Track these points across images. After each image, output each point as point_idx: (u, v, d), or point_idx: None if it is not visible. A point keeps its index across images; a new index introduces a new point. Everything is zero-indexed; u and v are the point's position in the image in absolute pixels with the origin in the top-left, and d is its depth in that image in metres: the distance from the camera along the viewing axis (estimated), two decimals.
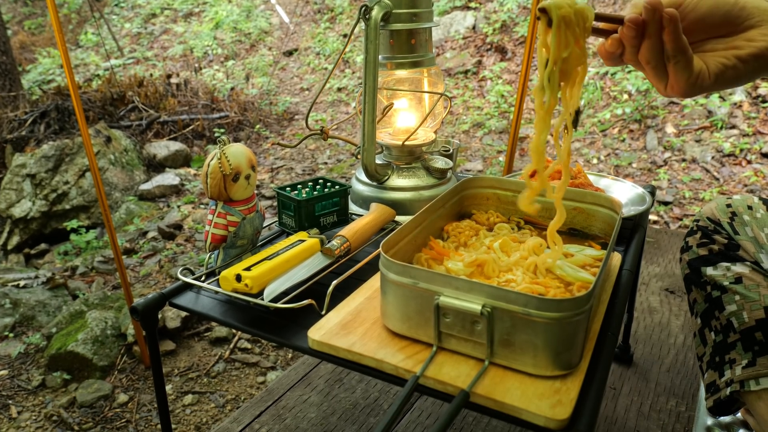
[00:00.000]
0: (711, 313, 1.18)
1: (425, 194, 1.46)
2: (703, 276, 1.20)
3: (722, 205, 1.22)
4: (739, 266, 1.15)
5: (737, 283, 1.14)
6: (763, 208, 1.19)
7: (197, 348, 2.60)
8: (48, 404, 2.29)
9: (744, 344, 1.11)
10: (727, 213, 1.21)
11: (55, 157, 4.56)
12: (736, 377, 1.10)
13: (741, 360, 1.11)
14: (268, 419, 1.72)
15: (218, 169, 1.12)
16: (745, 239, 1.16)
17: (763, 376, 1.08)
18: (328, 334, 0.94)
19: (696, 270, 1.22)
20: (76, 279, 3.43)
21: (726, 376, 1.13)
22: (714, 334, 1.17)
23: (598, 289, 0.90)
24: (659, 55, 0.65)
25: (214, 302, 1.12)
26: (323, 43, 7.83)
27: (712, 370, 1.17)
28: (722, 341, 1.15)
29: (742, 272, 1.14)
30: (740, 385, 1.10)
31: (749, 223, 1.17)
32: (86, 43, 9.45)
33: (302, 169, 5.14)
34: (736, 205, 1.21)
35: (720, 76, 0.66)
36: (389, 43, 1.41)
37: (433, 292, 0.85)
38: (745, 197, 1.22)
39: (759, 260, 1.14)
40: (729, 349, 1.13)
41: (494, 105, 5.59)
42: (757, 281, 1.12)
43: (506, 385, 0.81)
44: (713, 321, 1.17)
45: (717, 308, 1.16)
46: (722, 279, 1.16)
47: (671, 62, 0.65)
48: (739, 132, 4.29)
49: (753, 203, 1.20)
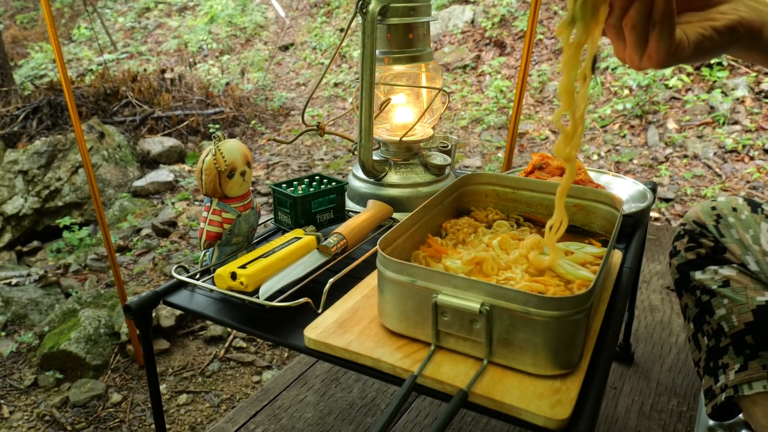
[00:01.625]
0: (702, 317, 1.19)
1: (423, 191, 1.46)
2: (692, 280, 1.21)
3: (707, 208, 1.24)
4: (727, 269, 1.17)
5: (725, 287, 1.15)
6: (748, 209, 1.19)
7: (192, 347, 2.59)
8: (40, 404, 2.28)
9: (735, 348, 1.12)
10: (712, 216, 1.22)
11: (48, 153, 4.55)
12: (730, 382, 1.11)
13: (734, 364, 1.11)
14: (264, 419, 1.72)
15: (213, 165, 1.11)
16: (731, 241, 1.17)
17: (756, 380, 1.08)
18: (325, 332, 0.94)
19: (685, 274, 1.23)
20: (69, 277, 3.42)
21: (720, 381, 1.13)
22: (707, 338, 1.18)
23: (598, 288, 0.90)
24: (646, 19, 0.65)
25: (208, 300, 1.12)
26: (320, 37, 7.82)
27: (708, 376, 1.18)
28: (715, 346, 1.16)
29: (730, 275, 1.15)
30: (734, 389, 1.10)
31: (734, 225, 1.18)
32: (79, 37, 9.43)
33: (298, 165, 5.14)
34: (721, 208, 1.22)
35: (698, 46, 0.67)
36: (387, 37, 1.40)
37: (431, 291, 0.85)
38: (729, 199, 1.23)
39: (745, 262, 1.15)
40: (722, 353, 1.14)
41: (493, 100, 5.59)
42: (745, 283, 1.13)
43: (505, 385, 0.81)
44: (705, 325, 1.18)
45: (707, 312, 1.17)
46: (710, 283, 1.17)
47: (656, 28, 0.65)
48: (742, 128, 4.29)
49: (737, 205, 1.21)
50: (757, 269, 1.14)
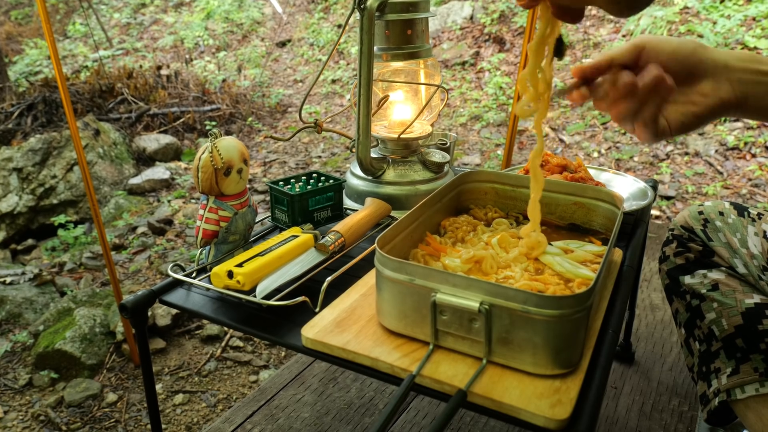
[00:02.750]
0: (693, 322, 1.20)
1: (422, 189, 1.46)
2: (682, 285, 1.23)
3: (694, 213, 1.26)
4: (715, 272, 1.18)
5: (714, 290, 1.16)
6: (734, 213, 1.21)
7: (188, 346, 2.59)
8: (35, 404, 2.28)
9: (726, 352, 1.13)
10: (699, 220, 1.24)
11: (43, 150, 4.55)
12: (722, 386, 1.12)
13: (725, 368, 1.12)
14: (261, 419, 1.72)
15: (209, 162, 1.11)
16: (719, 245, 1.19)
17: (748, 383, 1.09)
18: (322, 331, 0.94)
19: (675, 279, 1.25)
20: (64, 275, 3.42)
21: (713, 386, 1.14)
22: (698, 343, 1.19)
23: (598, 286, 0.89)
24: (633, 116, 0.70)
25: (205, 299, 1.12)
26: (317, 33, 7.81)
27: (701, 381, 1.19)
28: (706, 350, 1.17)
29: (718, 278, 1.17)
30: (727, 394, 1.11)
31: (722, 228, 1.20)
32: (74, 33, 9.42)
33: (295, 162, 5.14)
34: (708, 212, 1.24)
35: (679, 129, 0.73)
36: (385, 33, 1.40)
37: (429, 289, 0.85)
38: (716, 203, 1.25)
39: (734, 265, 1.17)
40: (713, 358, 1.15)
41: (492, 97, 5.59)
42: (733, 287, 1.15)
43: (504, 385, 0.81)
44: (696, 330, 1.20)
45: (698, 317, 1.19)
46: (700, 287, 1.19)
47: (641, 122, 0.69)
48: (744, 125, 4.29)
49: (724, 209, 1.23)
50: (745, 272, 1.15)
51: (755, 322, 1.08)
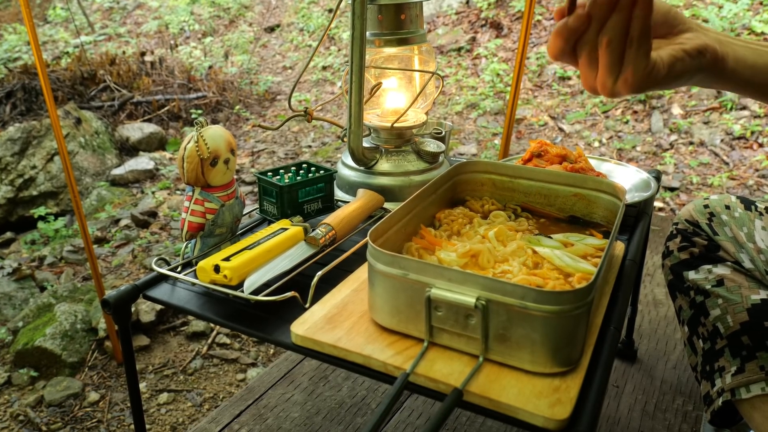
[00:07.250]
0: (697, 319, 1.20)
1: (416, 179, 1.46)
2: (686, 281, 1.23)
3: (700, 207, 1.26)
4: (721, 267, 1.18)
5: (719, 286, 1.16)
6: (741, 207, 1.21)
7: (173, 343, 2.59)
8: (14, 403, 2.28)
9: (731, 350, 1.13)
10: (705, 214, 1.24)
11: (22, 139, 4.53)
12: (727, 386, 1.12)
13: (730, 367, 1.12)
14: (249, 419, 1.72)
15: (195, 152, 1.11)
16: (725, 239, 1.19)
17: (754, 382, 1.09)
18: (313, 328, 0.94)
19: (679, 275, 1.25)
20: (44, 270, 3.41)
21: (717, 386, 1.14)
22: (702, 341, 1.20)
23: (599, 281, 0.89)
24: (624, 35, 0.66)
25: (190, 294, 1.11)
26: (307, 18, 7.79)
27: (705, 380, 1.19)
28: (710, 348, 1.17)
29: (724, 274, 1.17)
30: (731, 393, 1.11)
31: (728, 222, 1.20)
32: (55, 18, 9.37)
33: (285, 152, 5.13)
34: (714, 206, 1.24)
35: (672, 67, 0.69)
36: (377, 18, 1.40)
37: (424, 284, 0.85)
38: (722, 197, 1.26)
39: (740, 260, 1.17)
40: (718, 356, 1.15)
41: (489, 84, 5.59)
42: (739, 282, 1.15)
43: (502, 383, 0.81)
44: (700, 328, 1.20)
45: (702, 314, 1.19)
46: (704, 283, 1.19)
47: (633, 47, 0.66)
48: (750, 113, 4.30)
49: (730, 203, 1.23)
50: (751, 267, 1.15)
51: (762, 319, 1.09)
